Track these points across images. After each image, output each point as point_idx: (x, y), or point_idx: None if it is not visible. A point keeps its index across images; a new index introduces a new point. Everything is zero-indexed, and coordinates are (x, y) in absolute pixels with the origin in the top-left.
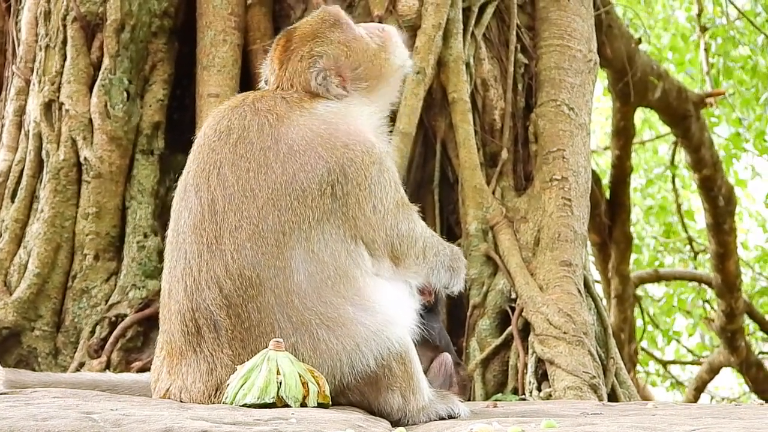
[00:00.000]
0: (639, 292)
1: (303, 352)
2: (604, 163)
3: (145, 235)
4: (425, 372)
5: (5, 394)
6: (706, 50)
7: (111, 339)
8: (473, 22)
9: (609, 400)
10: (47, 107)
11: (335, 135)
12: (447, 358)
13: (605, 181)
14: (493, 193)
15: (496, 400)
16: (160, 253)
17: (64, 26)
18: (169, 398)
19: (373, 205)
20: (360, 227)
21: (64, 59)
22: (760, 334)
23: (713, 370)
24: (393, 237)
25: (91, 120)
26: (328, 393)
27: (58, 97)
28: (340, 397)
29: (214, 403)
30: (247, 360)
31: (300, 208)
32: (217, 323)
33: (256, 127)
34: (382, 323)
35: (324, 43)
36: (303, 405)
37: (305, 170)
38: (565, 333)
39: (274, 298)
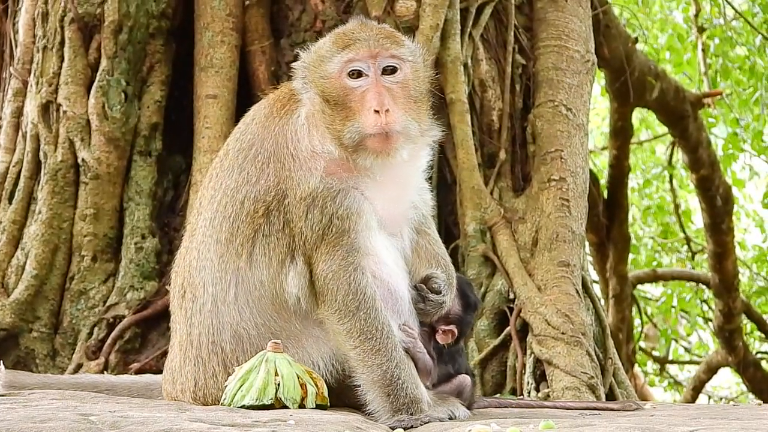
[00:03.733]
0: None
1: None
2: (601, 164)
3: (143, 237)
4: (437, 385)
5: (4, 395)
6: (704, 51)
7: (109, 340)
8: (471, 22)
9: (607, 400)
10: (45, 108)
11: (291, 155)
12: (467, 380)
13: (603, 181)
14: (491, 193)
15: None
16: (158, 255)
17: (62, 27)
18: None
19: (299, 244)
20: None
21: (62, 60)
22: (758, 333)
23: (711, 370)
24: (317, 275)
25: (88, 121)
26: (326, 394)
27: (55, 99)
28: (342, 397)
29: (175, 381)
30: (192, 355)
31: (235, 221)
32: (177, 312)
33: (251, 116)
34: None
35: (315, 45)
36: (301, 406)
37: (250, 182)
38: (563, 333)
39: (212, 304)
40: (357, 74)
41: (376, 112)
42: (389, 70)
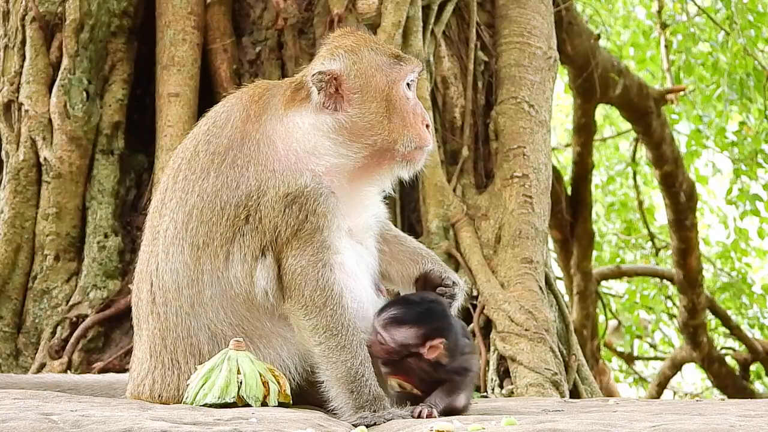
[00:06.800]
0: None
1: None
2: (565, 160)
3: (106, 236)
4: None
5: None
6: (667, 47)
7: (72, 340)
8: (433, 20)
9: (571, 397)
10: (6, 108)
11: (272, 157)
12: None
13: (566, 178)
14: (454, 190)
15: None
16: (121, 253)
17: (23, 26)
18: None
19: (272, 239)
20: (266, 251)
21: (23, 59)
22: (722, 329)
23: (676, 366)
24: (285, 270)
25: (50, 120)
26: (289, 392)
27: (17, 98)
28: (301, 398)
29: (144, 386)
30: (167, 359)
31: (215, 225)
32: (148, 317)
33: (224, 119)
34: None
35: (345, 49)
36: (264, 404)
37: (231, 187)
38: (526, 330)
39: (189, 307)
40: (409, 87)
41: (427, 126)
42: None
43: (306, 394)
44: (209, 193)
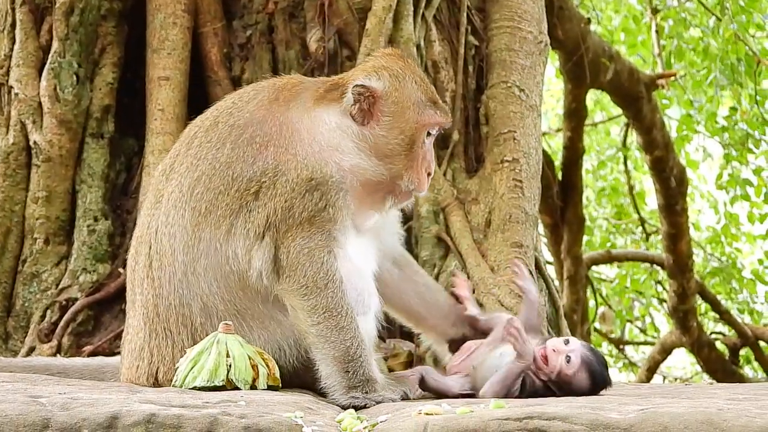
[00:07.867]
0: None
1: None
2: (556, 145)
3: (96, 219)
4: None
5: None
6: (658, 32)
7: (62, 323)
8: (423, 4)
9: None
10: None
11: (294, 141)
12: None
13: (557, 162)
14: (444, 174)
15: None
16: (111, 237)
17: (13, 9)
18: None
19: (283, 218)
20: (268, 232)
21: (13, 43)
22: (712, 314)
23: (665, 351)
24: (288, 249)
25: (40, 103)
26: (278, 375)
27: (7, 81)
28: (294, 379)
29: (143, 359)
30: (160, 328)
31: (222, 195)
32: (143, 281)
33: (251, 96)
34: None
35: (391, 72)
36: (253, 387)
37: (246, 162)
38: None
39: (182, 274)
40: (429, 134)
41: (428, 175)
42: None
43: (295, 378)
44: (222, 163)
